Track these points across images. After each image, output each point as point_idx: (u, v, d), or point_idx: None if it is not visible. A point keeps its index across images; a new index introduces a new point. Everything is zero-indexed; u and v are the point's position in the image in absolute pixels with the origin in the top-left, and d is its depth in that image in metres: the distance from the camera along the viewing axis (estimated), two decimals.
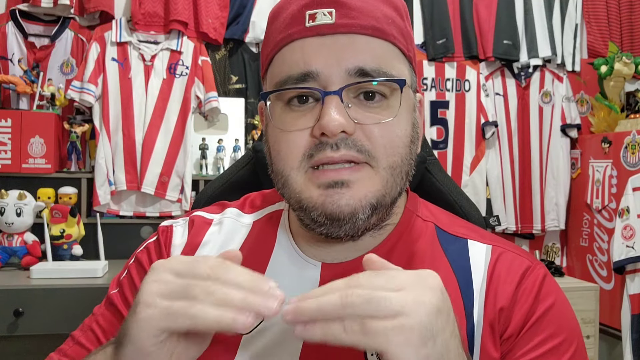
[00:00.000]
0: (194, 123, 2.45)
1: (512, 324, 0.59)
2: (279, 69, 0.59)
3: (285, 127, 0.58)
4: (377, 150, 0.57)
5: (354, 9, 0.57)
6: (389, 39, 0.59)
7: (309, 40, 0.57)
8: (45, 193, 2.21)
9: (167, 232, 0.70)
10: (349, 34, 0.57)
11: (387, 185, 0.58)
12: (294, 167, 0.58)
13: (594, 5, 2.89)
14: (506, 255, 0.63)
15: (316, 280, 0.62)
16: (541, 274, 0.62)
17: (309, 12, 0.58)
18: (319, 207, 0.57)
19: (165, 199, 2.37)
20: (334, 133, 0.55)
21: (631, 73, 2.70)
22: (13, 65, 2.31)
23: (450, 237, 0.65)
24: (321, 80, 0.56)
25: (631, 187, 2.29)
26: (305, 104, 0.58)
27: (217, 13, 2.48)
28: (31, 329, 1.80)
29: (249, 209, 0.72)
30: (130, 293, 0.68)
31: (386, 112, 0.58)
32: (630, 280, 2.26)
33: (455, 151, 2.73)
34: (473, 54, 2.73)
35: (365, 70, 0.56)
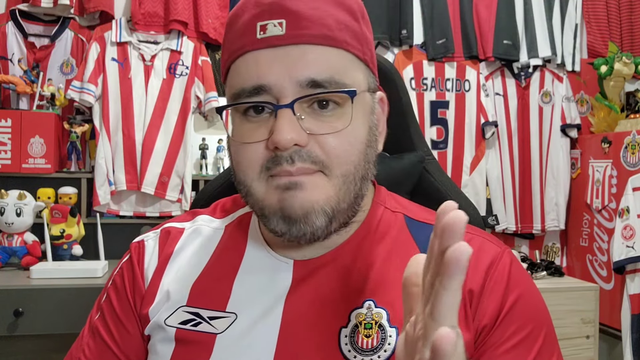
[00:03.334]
0: (194, 123, 2.45)
1: (484, 314, 0.60)
2: (235, 81, 0.60)
3: (242, 139, 0.59)
4: (331, 160, 0.57)
5: (304, 19, 0.57)
6: (342, 46, 0.59)
7: (261, 53, 0.58)
8: (45, 193, 2.22)
9: (139, 249, 0.71)
10: (300, 45, 0.57)
11: (340, 192, 0.58)
12: (254, 179, 0.59)
13: (594, 5, 2.89)
14: (475, 239, 0.64)
15: (289, 277, 0.63)
16: (509, 261, 0.63)
17: (260, 23, 0.58)
18: (278, 211, 0.58)
19: (165, 199, 2.37)
20: (285, 147, 0.56)
21: (631, 73, 2.70)
22: (13, 65, 2.31)
23: (419, 224, 0.66)
24: (274, 92, 0.57)
25: (631, 187, 2.29)
26: (261, 115, 0.58)
27: (217, 13, 2.48)
28: (31, 329, 1.80)
29: (220, 213, 0.73)
30: (112, 320, 0.69)
31: (340, 121, 0.58)
32: (630, 280, 2.26)
33: (455, 151, 2.73)
34: (473, 54, 2.73)
35: (316, 81, 0.57)
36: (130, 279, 0.69)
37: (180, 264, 0.68)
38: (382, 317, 0.59)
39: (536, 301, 0.64)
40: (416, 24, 2.69)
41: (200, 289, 0.65)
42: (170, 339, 0.63)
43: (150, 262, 0.69)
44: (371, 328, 0.59)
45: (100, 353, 0.69)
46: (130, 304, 0.68)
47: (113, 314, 0.69)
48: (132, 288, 0.68)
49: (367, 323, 0.59)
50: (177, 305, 0.64)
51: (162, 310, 0.65)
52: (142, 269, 0.69)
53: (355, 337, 0.59)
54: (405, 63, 2.69)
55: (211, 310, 0.63)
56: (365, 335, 0.59)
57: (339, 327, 0.60)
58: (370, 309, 0.60)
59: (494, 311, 0.60)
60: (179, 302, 0.64)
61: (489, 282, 0.61)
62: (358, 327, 0.59)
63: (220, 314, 0.63)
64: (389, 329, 0.59)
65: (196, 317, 0.63)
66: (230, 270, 0.65)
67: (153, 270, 0.68)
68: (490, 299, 0.60)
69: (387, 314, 0.60)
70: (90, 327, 0.71)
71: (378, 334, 0.59)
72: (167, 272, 0.68)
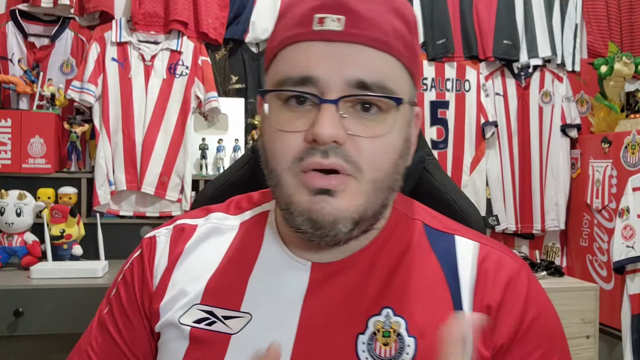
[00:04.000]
0: (194, 123, 2.45)
1: (501, 332, 0.60)
2: (281, 68, 0.59)
3: (280, 127, 0.58)
4: (363, 163, 0.57)
5: (363, 19, 0.57)
6: (394, 54, 0.59)
7: (314, 44, 0.57)
8: (45, 193, 2.21)
9: (151, 245, 0.70)
10: (355, 44, 0.57)
11: (368, 199, 0.58)
12: (285, 168, 0.58)
13: (594, 5, 2.89)
14: (494, 253, 0.64)
15: (306, 279, 0.62)
16: (526, 278, 0.63)
17: (318, 15, 0.57)
18: (305, 213, 0.57)
19: (165, 199, 2.37)
20: (325, 142, 0.55)
21: (631, 73, 2.70)
22: (13, 65, 2.31)
23: (437, 233, 0.66)
24: (320, 86, 0.56)
25: (631, 187, 2.29)
26: (303, 106, 0.58)
27: (217, 13, 2.48)
28: (31, 329, 1.80)
29: (234, 210, 0.72)
30: (120, 315, 0.69)
31: (380, 127, 0.58)
32: (630, 280, 2.26)
33: (455, 151, 2.73)
34: (473, 54, 2.73)
35: (365, 83, 0.56)
36: (139, 275, 0.68)
37: (192, 261, 0.67)
38: (400, 325, 0.59)
39: (552, 320, 0.64)
40: None
41: (214, 287, 0.64)
42: (185, 337, 0.62)
43: (161, 259, 0.68)
44: (389, 336, 0.59)
45: (107, 347, 0.68)
46: (138, 301, 0.67)
47: (121, 309, 0.68)
48: (141, 284, 0.68)
49: (385, 331, 0.59)
50: (191, 304, 0.64)
51: (176, 308, 0.64)
52: (152, 266, 0.68)
53: (373, 345, 0.59)
54: None
55: (225, 309, 0.63)
56: (383, 343, 0.59)
57: (356, 333, 0.59)
58: (388, 316, 0.60)
59: (511, 329, 0.60)
60: (193, 301, 0.64)
61: (507, 298, 0.61)
62: (376, 335, 0.59)
63: (234, 314, 0.62)
64: (407, 339, 0.59)
65: (210, 315, 0.63)
66: (245, 269, 0.65)
67: (164, 267, 0.67)
68: (508, 317, 0.60)
69: (405, 323, 0.59)
70: (99, 320, 0.71)
71: (396, 343, 0.59)
72: (178, 268, 0.67)
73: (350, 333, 0.59)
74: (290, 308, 0.61)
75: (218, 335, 0.61)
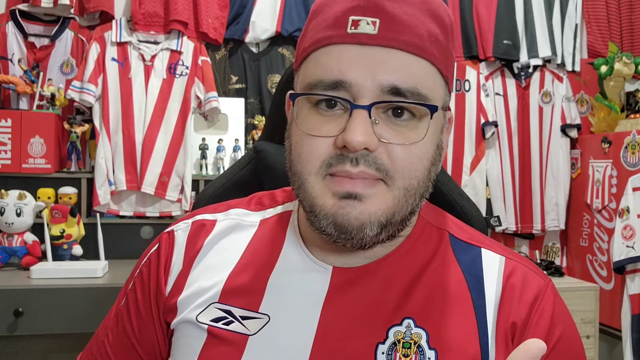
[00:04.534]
0: (194, 123, 2.45)
1: None
2: (312, 70, 0.58)
3: (309, 131, 0.57)
4: (396, 171, 0.56)
5: (398, 23, 0.56)
6: (429, 59, 0.57)
7: (347, 48, 0.56)
8: (45, 193, 2.21)
9: (170, 240, 0.69)
10: (389, 48, 0.55)
11: (398, 204, 0.57)
12: (312, 172, 0.57)
13: (594, 5, 2.90)
14: (520, 269, 0.63)
15: (326, 283, 0.61)
16: (552, 296, 0.62)
17: (353, 17, 0.56)
18: (330, 217, 0.56)
19: (165, 199, 2.36)
20: (356, 149, 0.54)
21: (631, 73, 2.70)
22: (13, 65, 2.31)
23: (463, 244, 0.65)
24: (352, 91, 0.55)
25: (631, 187, 2.29)
26: (333, 110, 0.57)
27: (217, 13, 2.48)
28: (31, 329, 1.80)
29: (255, 206, 0.71)
30: (134, 310, 0.68)
31: (412, 134, 0.56)
32: (630, 280, 2.26)
33: (455, 151, 2.73)
34: (473, 54, 2.73)
35: (399, 89, 0.55)
36: (155, 272, 0.68)
37: (211, 257, 0.66)
38: (421, 337, 0.58)
39: (576, 340, 0.63)
40: None
41: (233, 286, 0.63)
42: (202, 335, 0.62)
43: (179, 255, 0.67)
44: (409, 348, 0.58)
45: (121, 340, 0.69)
46: (151, 298, 0.67)
47: (135, 304, 0.68)
48: (155, 282, 0.67)
49: (406, 342, 0.58)
50: (209, 302, 0.63)
51: (194, 306, 0.63)
52: (170, 263, 0.67)
53: (393, 355, 0.57)
54: None
55: (244, 309, 0.62)
56: (403, 354, 0.57)
57: (376, 342, 0.58)
58: (409, 327, 0.59)
59: None
60: (211, 299, 0.63)
61: (533, 316, 0.59)
62: (396, 346, 0.58)
63: (253, 314, 0.61)
64: (428, 351, 0.57)
65: (228, 315, 0.62)
66: (265, 269, 0.64)
67: (181, 263, 0.66)
68: (534, 335, 0.58)
69: (426, 335, 0.58)
70: (116, 312, 0.71)
71: (416, 355, 0.57)
72: (196, 265, 0.66)
73: (369, 341, 0.58)
74: (309, 312, 0.60)
75: (235, 336, 0.60)
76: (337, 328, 0.59)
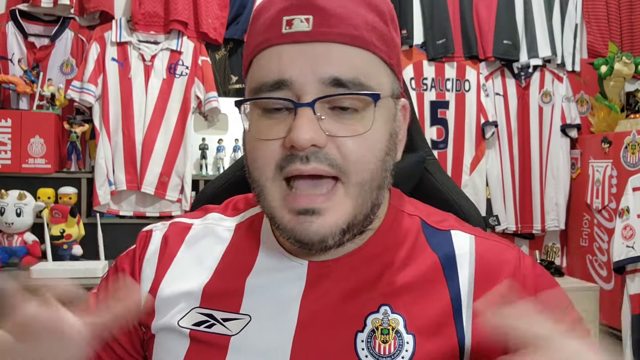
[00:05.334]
0: (194, 123, 2.45)
1: None
2: (256, 75, 0.58)
3: (259, 136, 0.57)
4: (348, 165, 0.56)
5: (332, 16, 0.56)
6: (369, 48, 0.57)
7: (285, 48, 0.56)
8: (45, 193, 2.22)
9: (146, 239, 0.70)
10: (326, 42, 0.56)
11: (357, 204, 0.57)
12: (268, 178, 0.57)
13: (594, 5, 2.90)
14: (490, 245, 0.64)
15: (303, 278, 0.62)
16: (530, 261, 0.63)
17: (286, 17, 0.56)
18: (289, 231, 0.57)
19: (165, 199, 2.37)
20: (303, 147, 0.54)
21: (631, 73, 2.70)
22: (13, 65, 2.32)
23: (434, 230, 0.65)
24: (295, 89, 0.55)
25: (631, 187, 2.29)
26: (280, 112, 0.57)
27: (217, 13, 2.48)
28: None
29: (231, 212, 0.72)
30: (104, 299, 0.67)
31: (360, 125, 0.56)
32: (630, 280, 2.26)
33: (455, 151, 2.73)
34: (473, 54, 2.73)
35: (340, 80, 0.55)
36: (129, 267, 0.68)
37: (187, 261, 0.67)
38: (398, 323, 0.59)
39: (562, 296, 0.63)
40: (416, 24, 2.69)
41: (212, 290, 0.64)
42: (184, 341, 0.62)
43: (153, 255, 0.68)
44: (388, 334, 0.58)
45: None
46: None
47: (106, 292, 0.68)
48: (130, 272, 0.68)
49: (384, 329, 0.59)
50: (190, 307, 0.63)
51: (174, 311, 0.63)
52: (142, 261, 0.68)
53: (372, 342, 0.58)
54: (405, 63, 2.69)
55: (224, 311, 0.62)
56: (382, 340, 0.58)
57: (355, 331, 0.59)
58: (386, 314, 0.59)
59: None
60: (192, 304, 0.63)
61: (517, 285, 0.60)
62: (375, 333, 0.59)
63: (234, 316, 0.62)
64: (406, 336, 0.58)
65: (210, 318, 0.62)
66: (243, 271, 0.64)
67: (155, 264, 0.67)
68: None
69: (403, 320, 0.59)
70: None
71: (395, 340, 0.58)
72: (172, 268, 0.66)
73: (349, 331, 0.59)
74: (288, 308, 0.61)
75: (218, 337, 0.61)
76: (316, 321, 0.59)
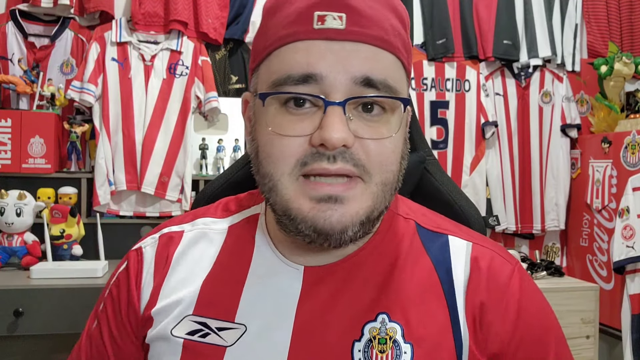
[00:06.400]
0: (194, 123, 2.45)
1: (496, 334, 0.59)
2: (278, 67, 0.56)
3: (280, 131, 0.55)
4: (373, 167, 0.55)
5: (364, 17, 0.55)
6: (395, 52, 0.57)
7: (315, 43, 0.54)
8: (45, 193, 2.21)
9: (137, 258, 0.68)
10: (358, 42, 0.55)
11: (377, 200, 0.57)
12: (285, 173, 0.55)
13: (594, 5, 2.89)
14: (487, 253, 0.63)
15: (299, 284, 0.61)
16: (519, 277, 0.62)
17: (318, 12, 0.55)
18: (309, 221, 0.55)
19: (165, 199, 2.36)
20: (334, 146, 0.53)
21: (631, 73, 2.70)
22: (13, 65, 2.31)
23: (430, 233, 0.65)
24: (324, 84, 0.54)
25: (631, 187, 2.29)
26: (303, 108, 0.55)
27: (217, 13, 2.48)
28: (31, 329, 1.80)
29: (222, 213, 0.70)
30: (107, 331, 0.67)
31: (384, 128, 0.56)
32: (630, 280, 2.26)
33: (455, 151, 2.73)
34: (473, 54, 2.73)
35: (372, 80, 0.54)
36: (125, 290, 0.66)
37: (182, 269, 0.65)
38: (396, 332, 0.58)
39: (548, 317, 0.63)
40: (416, 24, 2.69)
41: (206, 297, 0.62)
42: (177, 351, 0.60)
43: (149, 271, 0.66)
44: (385, 343, 0.58)
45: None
46: (124, 318, 0.66)
47: (107, 324, 0.67)
48: (127, 299, 0.66)
49: (382, 338, 0.58)
50: (183, 315, 0.62)
51: (168, 320, 0.62)
52: (140, 280, 0.66)
53: (369, 352, 0.57)
54: None
55: (219, 320, 0.61)
56: (380, 350, 0.57)
57: (352, 340, 0.58)
58: (384, 323, 0.58)
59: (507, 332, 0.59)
60: (185, 311, 0.62)
61: (502, 299, 0.60)
62: (372, 342, 0.58)
63: (228, 325, 0.60)
64: (404, 345, 0.58)
65: (204, 327, 0.61)
66: (238, 277, 0.63)
67: (152, 279, 0.65)
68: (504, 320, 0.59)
69: (401, 330, 0.58)
70: (87, 336, 0.70)
71: (392, 350, 0.57)
72: (168, 279, 0.65)
73: (345, 340, 0.58)
74: (284, 315, 0.60)
75: (212, 348, 0.59)
76: (313, 329, 0.59)
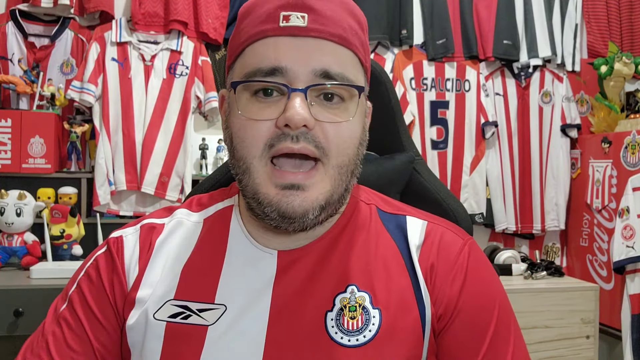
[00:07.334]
0: (194, 123, 2.45)
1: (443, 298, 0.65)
2: (250, 61, 0.64)
3: (251, 116, 0.62)
4: (331, 149, 0.62)
5: (324, 17, 0.63)
6: (352, 49, 0.65)
7: (281, 39, 0.62)
8: (45, 193, 2.22)
9: (118, 244, 0.71)
10: (318, 39, 0.62)
11: (335, 184, 0.63)
12: (256, 156, 0.62)
13: (594, 5, 2.89)
14: (439, 229, 0.70)
15: (273, 267, 0.66)
16: (469, 250, 0.68)
17: (284, 13, 0.62)
18: (274, 205, 0.61)
19: (165, 199, 2.37)
20: (297, 125, 0.60)
21: (631, 73, 2.70)
22: (13, 65, 2.32)
23: (389, 215, 0.72)
24: (289, 76, 0.61)
25: (631, 187, 2.29)
26: (271, 97, 0.62)
27: (217, 13, 2.48)
28: (31, 329, 1.78)
29: (196, 207, 0.75)
30: (82, 310, 0.68)
31: (343, 114, 0.63)
32: (630, 280, 2.26)
33: (455, 151, 2.73)
34: (473, 54, 2.73)
35: (329, 73, 0.62)
36: (109, 273, 0.69)
37: (163, 257, 0.69)
38: (365, 300, 0.64)
39: (495, 292, 0.68)
40: (416, 24, 2.69)
41: (186, 282, 0.67)
42: (159, 334, 0.64)
43: (133, 257, 0.69)
44: (355, 310, 0.64)
45: (66, 341, 0.68)
46: (109, 299, 0.68)
47: (85, 305, 0.68)
48: (111, 282, 0.68)
49: (352, 306, 0.64)
50: (164, 299, 0.66)
51: (149, 304, 0.65)
52: (123, 263, 0.69)
53: (341, 320, 0.63)
54: (405, 63, 2.69)
55: (200, 302, 0.65)
56: (350, 317, 0.63)
57: (325, 311, 0.63)
58: (353, 293, 0.65)
59: (452, 299, 0.65)
60: (166, 296, 0.66)
61: (452, 268, 0.66)
62: (343, 310, 0.63)
63: (209, 306, 0.65)
64: (372, 311, 0.64)
65: (185, 309, 0.65)
66: (216, 263, 0.68)
67: (136, 264, 0.68)
68: (451, 289, 0.65)
69: (369, 297, 0.64)
70: (55, 317, 0.71)
71: (362, 316, 0.63)
72: (151, 265, 0.68)
73: (319, 312, 0.63)
74: (261, 295, 0.64)
75: (194, 328, 0.64)
76: (288, 306, 0.64)
